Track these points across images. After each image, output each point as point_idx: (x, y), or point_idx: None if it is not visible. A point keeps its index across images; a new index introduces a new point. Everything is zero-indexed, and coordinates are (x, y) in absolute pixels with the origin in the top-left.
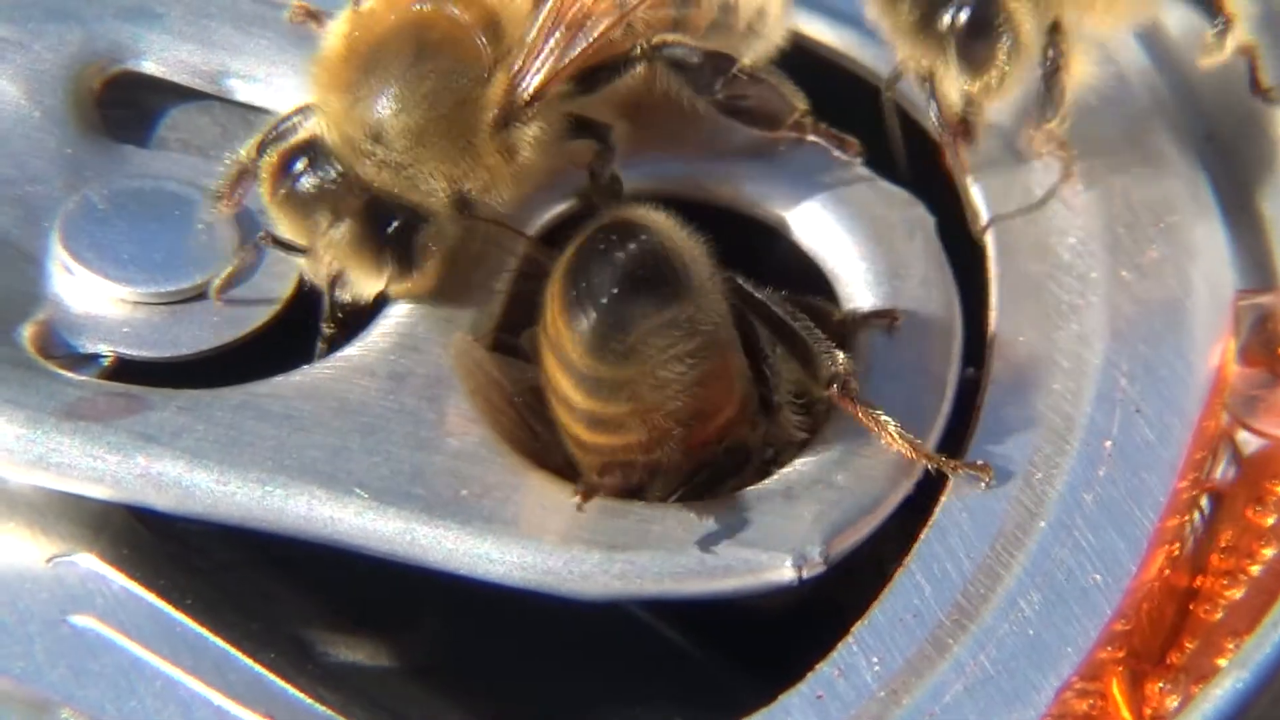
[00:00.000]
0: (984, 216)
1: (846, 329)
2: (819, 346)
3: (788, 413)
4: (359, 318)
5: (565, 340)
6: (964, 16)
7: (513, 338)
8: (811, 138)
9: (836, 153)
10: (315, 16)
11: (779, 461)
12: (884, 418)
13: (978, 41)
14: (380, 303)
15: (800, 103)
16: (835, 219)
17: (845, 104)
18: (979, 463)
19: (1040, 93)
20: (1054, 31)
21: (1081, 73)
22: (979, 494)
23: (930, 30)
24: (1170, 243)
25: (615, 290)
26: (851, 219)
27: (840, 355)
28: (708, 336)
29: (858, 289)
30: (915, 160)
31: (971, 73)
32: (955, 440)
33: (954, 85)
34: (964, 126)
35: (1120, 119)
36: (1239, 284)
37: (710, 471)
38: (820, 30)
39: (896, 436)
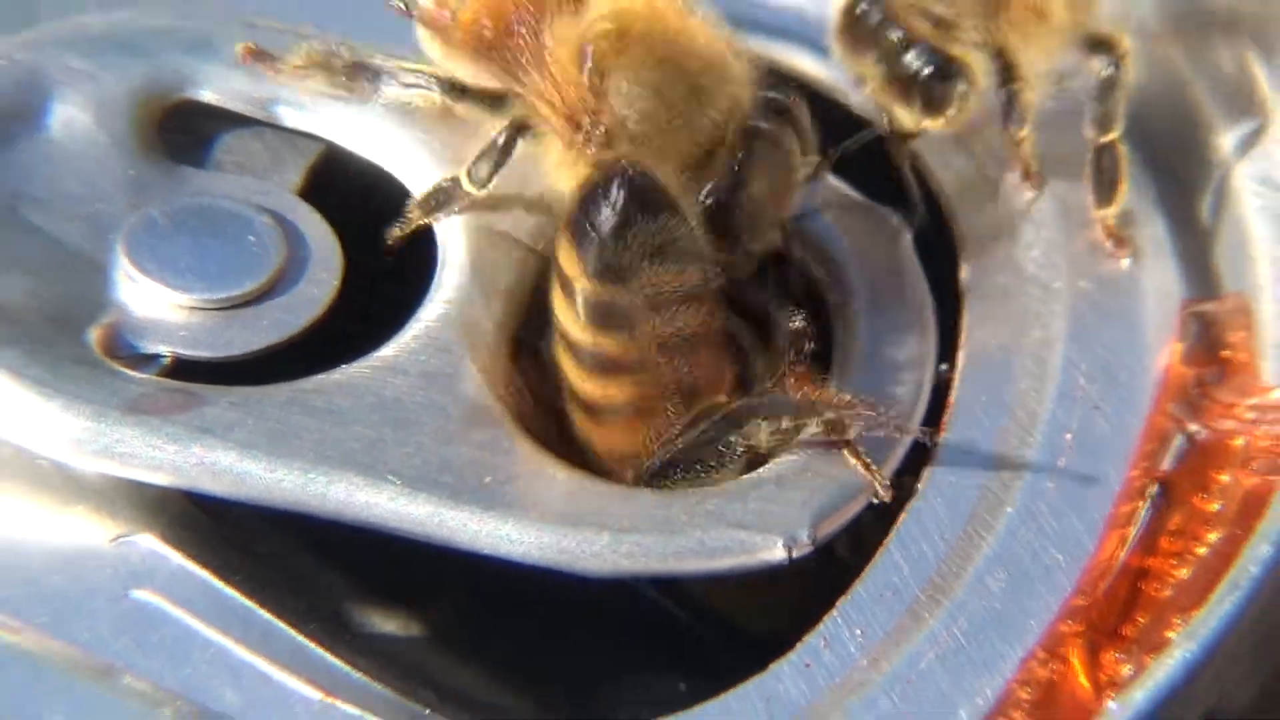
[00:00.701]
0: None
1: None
2: (781, 311)
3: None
4: (392, 323)
5: (570, 265)
6: (925, 72)
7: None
8: None
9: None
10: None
11: (773, 453)
12: (827, 393)
13: (936, 90)
14: (412, 308)
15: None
16: (820, 231)
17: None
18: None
19: (1004, 109)
20: (1004, 63)
21: (1034, 97)
22: (952, 482)
23: (892, 79)
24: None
25: (614, 209)
26: (834, 230)
27: (799, 318)
28: (696, 272)
29: (843, 295)
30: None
31: (932, 114)
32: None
33: (916, 120)
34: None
35: (1078, 141)
36: (1185, 293)
37: (714, 431)
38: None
39: (828, 410)
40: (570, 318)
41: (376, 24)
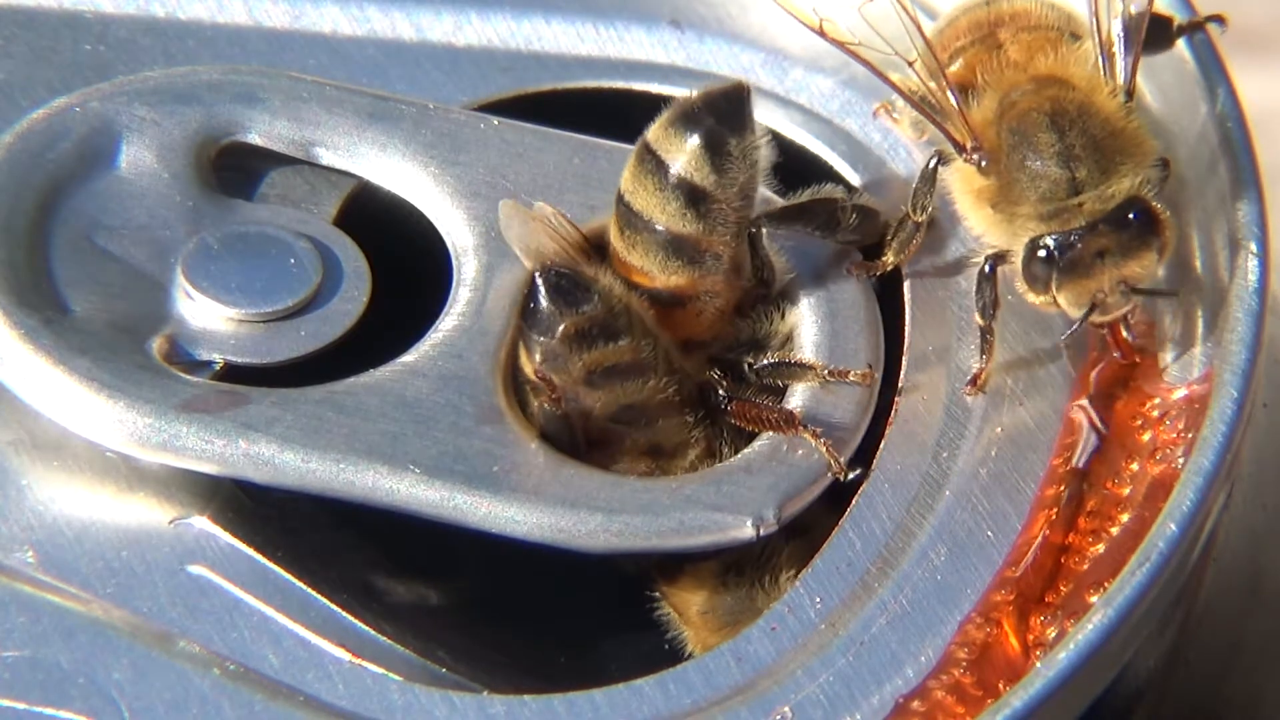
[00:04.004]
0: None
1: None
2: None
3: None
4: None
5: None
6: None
7: None
8: None
9: None
10: None
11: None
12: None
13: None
14: (431, 320)
15: None
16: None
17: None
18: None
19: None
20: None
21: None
22: (898, 468)
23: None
24: None
25: (541, 308)
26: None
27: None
28: (631, 349)
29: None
30: None
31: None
32: (877, 425)
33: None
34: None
35: None
36: None
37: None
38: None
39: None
40: (536, 402)
41: (409, 75)
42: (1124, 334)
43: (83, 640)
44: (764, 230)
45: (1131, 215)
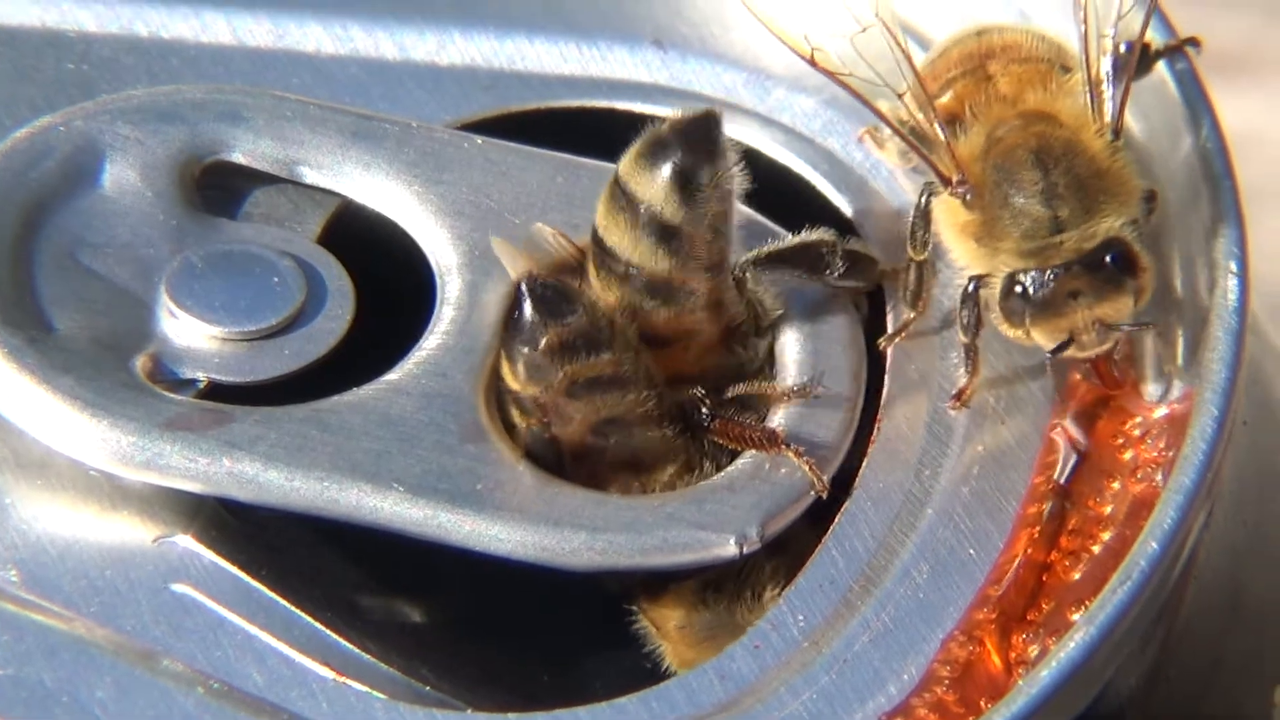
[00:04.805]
0: None
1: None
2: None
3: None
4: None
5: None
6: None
7: None
8: None
9: None
10: None
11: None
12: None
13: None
14: (415, 339)
15: None
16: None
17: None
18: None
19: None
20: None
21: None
22: (881, 486)
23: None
24: None
25: (524, 319)
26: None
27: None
28: (611, 363)
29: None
30: None
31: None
32: (859, 444)
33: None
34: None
35: None
36: None
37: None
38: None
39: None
40: (516, 412)
41: (393, 94)
42: (1106, 367)
43: (66, 659)
44: (748, 274)
45: (1108, 257)
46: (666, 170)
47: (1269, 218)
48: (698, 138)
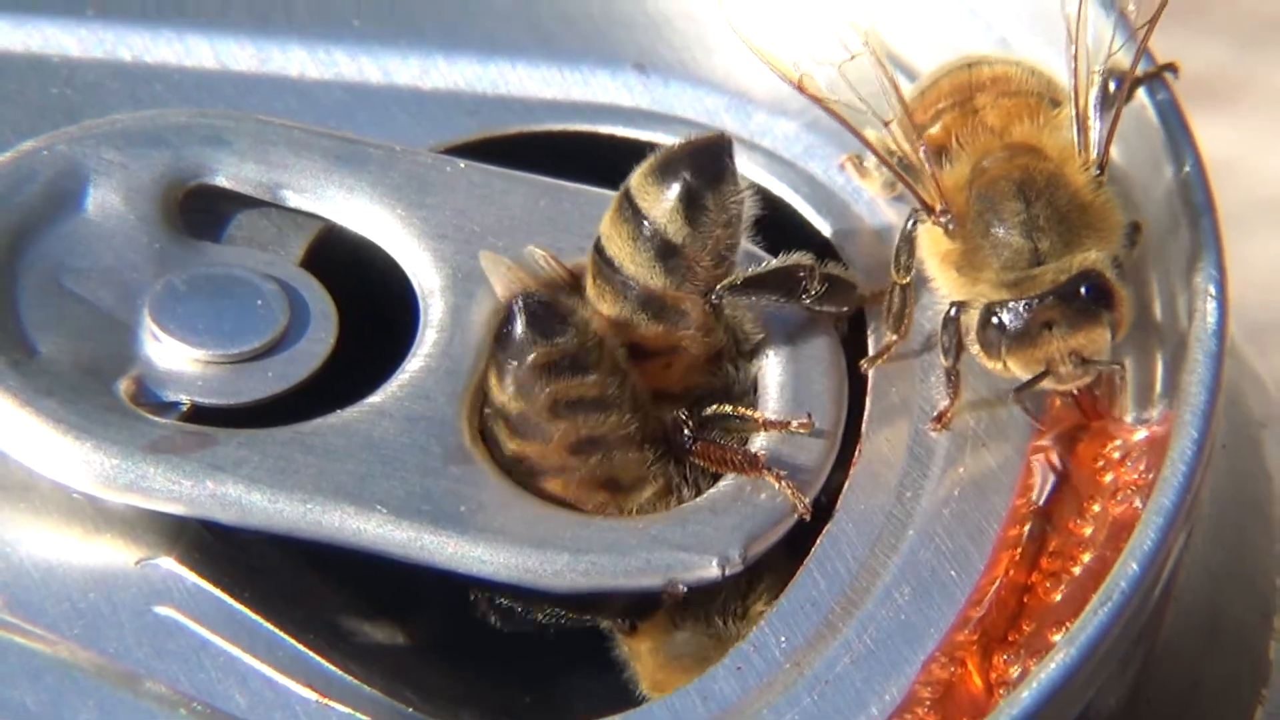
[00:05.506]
0: None
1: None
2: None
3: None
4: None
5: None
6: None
7: None
8: None
9: None
10: None
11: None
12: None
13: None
14: (398, 361)
15: None
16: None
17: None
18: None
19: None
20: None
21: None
22: (862, 508)
23: None
24: None
25: (515, 336)
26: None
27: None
28: (597, 384)
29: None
30: None
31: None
32: (840, 467)
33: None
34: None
35: None
36: None
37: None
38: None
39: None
40: (498, 427)
41: (376, 118)
42: (1087, 399)
43: (49, 681)
44: (724, 300)
45: (1083, 289)
46: (675, 188)
47: (1242, 242)
48: (707, 160)
